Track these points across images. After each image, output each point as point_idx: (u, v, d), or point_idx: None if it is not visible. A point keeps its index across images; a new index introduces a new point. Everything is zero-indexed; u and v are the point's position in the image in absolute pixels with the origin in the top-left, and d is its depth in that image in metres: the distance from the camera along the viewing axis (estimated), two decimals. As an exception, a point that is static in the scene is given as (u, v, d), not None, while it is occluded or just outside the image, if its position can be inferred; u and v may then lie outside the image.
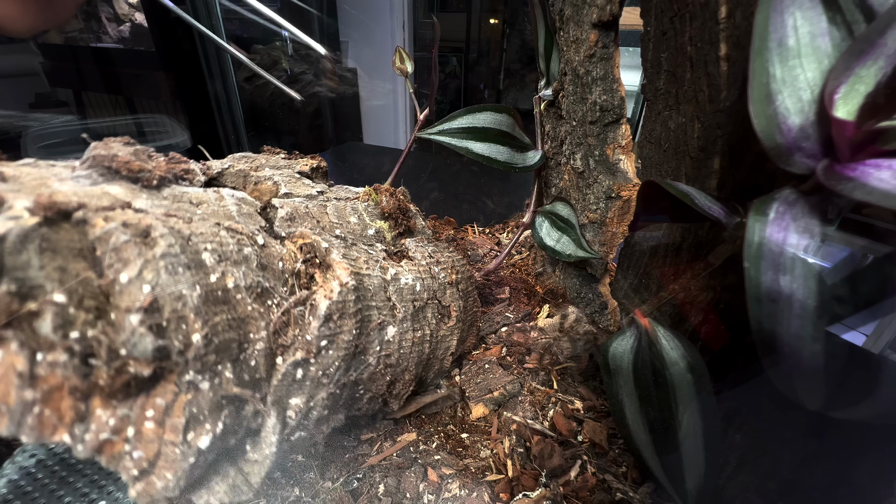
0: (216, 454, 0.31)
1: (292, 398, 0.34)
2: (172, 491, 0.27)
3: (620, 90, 0.54)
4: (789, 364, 0.28)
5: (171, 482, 0.27)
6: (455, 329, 0.52)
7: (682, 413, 0.40)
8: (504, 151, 0.64)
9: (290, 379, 0.34)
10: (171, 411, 0.27)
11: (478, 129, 0.63)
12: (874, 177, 0.25)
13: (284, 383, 0.33)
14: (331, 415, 0.39)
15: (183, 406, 0.27)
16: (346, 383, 0.38)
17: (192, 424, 0.27)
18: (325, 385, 0.36)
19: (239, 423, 0.32)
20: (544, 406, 0.53)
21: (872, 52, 0.26)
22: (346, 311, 0.36)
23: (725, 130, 0.39)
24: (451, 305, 0.51)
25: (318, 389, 0.36)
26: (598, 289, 0.65)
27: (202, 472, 0.31)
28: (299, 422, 0.35)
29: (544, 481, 0.44)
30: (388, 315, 0.42)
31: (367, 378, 0.41)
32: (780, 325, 0.27)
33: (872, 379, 0.38)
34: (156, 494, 0.27)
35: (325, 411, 0.37)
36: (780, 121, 0.29)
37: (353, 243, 0.43)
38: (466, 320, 0.55)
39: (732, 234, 0.34)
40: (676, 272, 0.48)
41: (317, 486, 0.44)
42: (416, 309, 0.46)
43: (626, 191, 0.57)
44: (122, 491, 0.41)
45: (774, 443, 0.45)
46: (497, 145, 0.63)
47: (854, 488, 0.40)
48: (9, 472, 0.42)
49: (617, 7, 0.50)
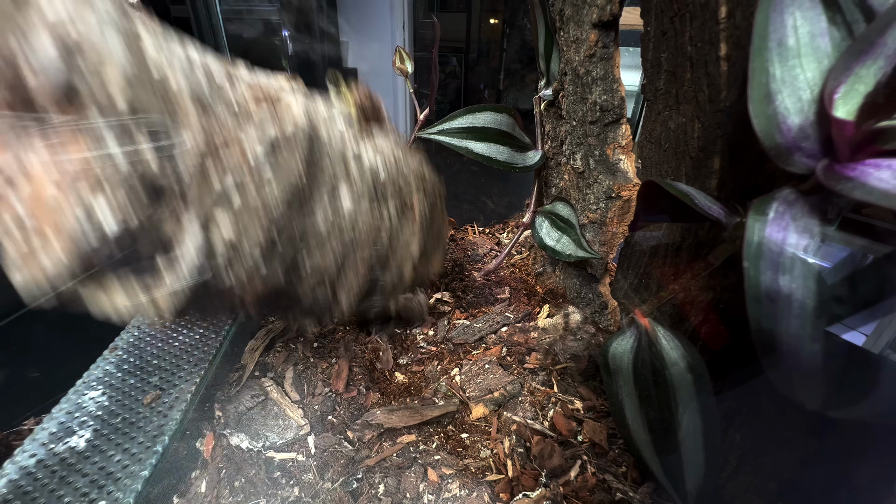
0: (121, 255, 0.27)
1: (222, 222, 0.30)
2: (64, 277, 0.22)
3: (620, 90, 0.54)
4: (788, 364, 0.28)
5: (64, 264, 0.22)
6: (417, 232, 0.48)
7: (682, 413, 0.40)
8: (504, 151, 0.64)
9: (225, 200, 0.30)
10: (72, 167, 0.22)
11: (478, 128, 0.64)
12: (874, 176, 0.25)
13: (217, 201, 0.30)
14: (266, 264, 0.34)
15: (89, 163, 0.22)
16: (289, 234, 0.35)
17: (96, 192, 0.22)
18: (262, 220, 0.32)
19: (153, 223, 0.27)
20: (544, 406, 0.53)
21: (872, 52, 0.26)
22: (294, 147, 0.33)
23: (725, 130, 0.39)
24: (415, 207, 0.48)
25: (253, 221, 0.32)
26: (598, 289, 0.65)
27: (102, 270, 0.26)
28: (228, 255, 0.31)
29: (544, 481, 0.44)
30: (344, 181, 0.39)
31: (315, 243, 0.37)
32: (779, 325, 0.27)
33: (872, 379, 0.38)
34: (42, 280, 0.22)
35: (257, 253, 0.33)
36: (780, 121, 0.29)
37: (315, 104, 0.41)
38: (432, 233, 0.51)
39: (732, 234, 0.34)
40: (676, 272, 0.48)
41: (316, 487, 0.44)
42: (378, 195, 0.42)
43: (626, 191, 0.57)
44: (122, 491, 0.41)
45: (774, 443, 0.45)
46: (497, 145, 0.64)
47: (854, 488, 0.40)
48: (9, 471, 0.42)
49: (617, 7, 0.50)
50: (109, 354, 0.57)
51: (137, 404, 0.50)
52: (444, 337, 0.63)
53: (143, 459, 0.44)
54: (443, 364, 0.59)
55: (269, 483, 0.45)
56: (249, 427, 0.49)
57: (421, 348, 0.62)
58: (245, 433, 0.49)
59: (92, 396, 0.51)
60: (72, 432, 0.47)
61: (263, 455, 0.47)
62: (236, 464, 0.46)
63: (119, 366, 0.55)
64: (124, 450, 0.45)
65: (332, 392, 0.54)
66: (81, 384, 0.53)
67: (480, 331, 0.64)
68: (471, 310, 0.69)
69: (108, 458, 0.44)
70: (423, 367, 0.59)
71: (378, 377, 0.57)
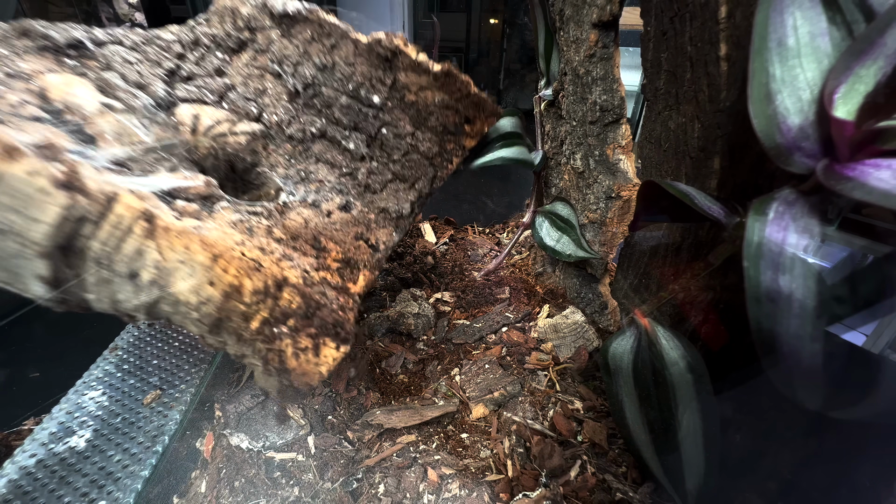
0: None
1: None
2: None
3: (620, 90, 0.54)
4: (788, 364, 0.28)
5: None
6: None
7: (681, 413, 0.40)
8: (524, 151, 0.64)
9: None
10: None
11: (502, 135, 0.63)
12: (874, 176, 0.25)
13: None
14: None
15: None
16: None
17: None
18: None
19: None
20: (544, 406, 0.53)
21: (872, 52, 0.26)
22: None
23: (725, 130, 0.39)
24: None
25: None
26: (598, 289, 0.65)
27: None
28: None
29: (544, 481, 0.44)
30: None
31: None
32: (779, 325, 0.27)
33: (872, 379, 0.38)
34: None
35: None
36: (780, 121, 0.29)
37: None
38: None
39: (732, 234, 0.34)
40: (676, 272, 0.48)
41: (316, 487, 0.44)
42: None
43: (626, 191, 0.57)
44: (122, 491, 0.41)
45: (774, 443, 0.45)
46: (519, 147, 0.63)
47: (854, 488, 0.40)
48: (9, 471, 0.43)
49: (617, 7, 0.50)
50: (109, 354, 0.57)
51: (137, 404, 0.50)
52: (444, 337, 0.63)
53: (143, 459, 0.44)
54: (443, 364, 0.59)
55: (269, 483, 0.45)
56: (249, 427, 0.49)
57: (421, 349, 0.62)
58: (245, 433, 0.49)
59: (92, 396, 0.51)
60: (72, 432, 0.47)
61: (263, 455, 0.47)
62: (236, 464, 0.46)
63: (119, 366, 0.55)
64: (124, 450, 0.45)
65: (332, 392, 0.54)
66: (81, 384, 0.53)
67: (480, 331, 0.64)
68: (471, 310, 0.69)
69: (108, 458, 0.44)
70: (423, 367, 0.59)
71: (378, 377, 0.57)
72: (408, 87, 0.49)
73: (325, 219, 0.47)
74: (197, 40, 0.46)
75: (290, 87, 0.47)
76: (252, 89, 0.47)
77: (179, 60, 0.45)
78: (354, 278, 0.47)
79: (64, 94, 0.34)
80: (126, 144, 0.35)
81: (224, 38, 0.46)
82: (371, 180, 0.51)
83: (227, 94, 0.46)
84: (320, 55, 0.47)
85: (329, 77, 0.48)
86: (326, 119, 0.49)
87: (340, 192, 0.49)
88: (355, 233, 0.49)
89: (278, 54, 0.47)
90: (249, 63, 0.47)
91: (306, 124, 0.48)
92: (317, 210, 0.47)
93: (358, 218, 0.49)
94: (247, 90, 0.47)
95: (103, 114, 0.35)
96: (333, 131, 0.49)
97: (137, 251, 0.27)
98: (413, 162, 0.52)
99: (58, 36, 0.39)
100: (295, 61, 0.47)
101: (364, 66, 0.47)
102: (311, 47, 0.46)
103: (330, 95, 0.48)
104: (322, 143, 0.49)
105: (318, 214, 0.47)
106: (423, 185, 0.54)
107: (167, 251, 0.28)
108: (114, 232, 0.26)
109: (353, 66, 0.48)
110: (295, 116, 0.48)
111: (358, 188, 0.50)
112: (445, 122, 0.51)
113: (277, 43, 0.46)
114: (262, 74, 0.47)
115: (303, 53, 0.47)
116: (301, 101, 0.48)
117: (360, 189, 0.50)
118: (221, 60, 0.46)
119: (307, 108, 0.48)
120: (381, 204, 0.52)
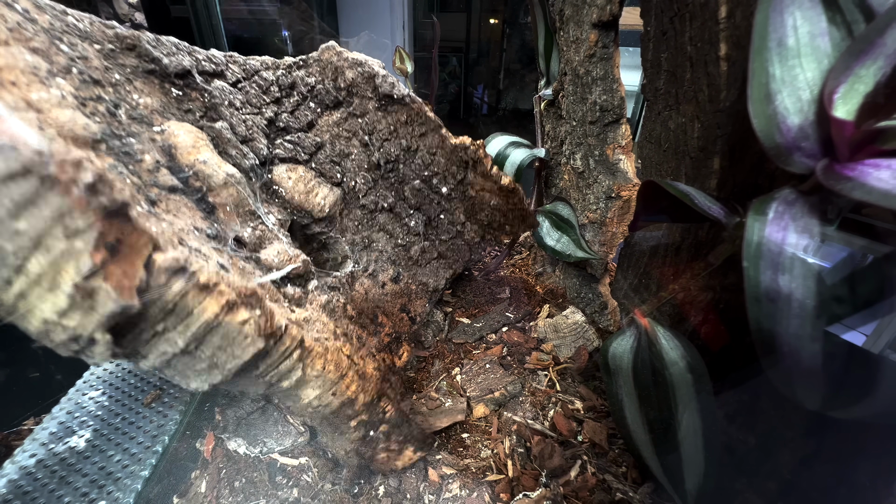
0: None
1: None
2: None
3: (620, 90, 0.54)
4: (788, 364, 0.28)
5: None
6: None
7: (681, 413, 0.40)
8: (529, 151, 0.67)
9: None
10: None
11: (509, 144, 0.70)
12: (873, 176, 0.25)
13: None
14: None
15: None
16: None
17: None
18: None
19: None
20: (544, 406, 0.53)
21: (872, 52, 0.26)
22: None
23: (725, 130, 0.39)
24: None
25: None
26: (598, 289, 0.65)
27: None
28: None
29: (544, 481, 0.44)
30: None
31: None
32: (779, 325, 0.27)
33: (872, 379, 0.38)
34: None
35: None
36: (780, 120, 0.29)
37: None
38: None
39: (732, 234, 0.34)
40: (676, 272, 0.48)
41: (316, 488, 0.44)
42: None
43: (626, 191, 0.57)
44: (122, 491, 0.41)
45: (774, 443, 0.45)
46: (525, 148, 0.68)
47: (854, 488, 0.40)
48: (9, 471, 0.42)
49: (617, 7, 0.50)
50: (109, 354, 0.57)
51: (137, 404, 0.50)
52: (445, 336, 0.63)
53: (143, 459, 0.44)
54: (444, 363, 0.59)
55: (269, 483, 0.45)
56: (248, 432, 0.49)
57: (424, 347, 0.62)
58: (244, 438, 0.48)
59: (92, 396, 0.51)
60: (72, 432, 0.47)
61: (263, 457, 0.47)
62: (236, 464, 0.46)
63: (119, 366, 0.55)
64: (124, 450, 0.45)
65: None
66: (81, 384, 0.53)
67: (481, 330, 0.64)
68: (471, 309, 0.69)
69: (108, 458, 0.44)
70: (423, 367, 0.59)
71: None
72: (472, 185, 0.53)
73: (380, 290, 0.51)
74: (293, 85, 0.46)
75: (373, 159, 0.49)
76: (338, 151, 0.48)
77: (277, 106, 0.45)
78: (399, 353, 0.52)
79: (193, 160, 0.35)
80: (241, 216, 0.37)
81: (322, 93, 0.46)
82: (420, 256, 0.56)
83: (317, 154, 0.47)
84: (408, 138, 0.49)
85: (410, 159, 0.50)
86: (397, 195, 0.52)
87: (394, 262, 0.53)
88: (400, 304, 0.54)
89: (370, 126, 0.48)
90: (340, 122, 0.47)
91: (380, 198, 0.51)
92: (374, 280, 0.51)
93: (404, 290, 0.54)
94: (333, 151, 0.48)
95: (227, 186, 0.36)
96: (400, 208, 0.53)
97: (289, 370, 0.31)
98: (457, 246, 0.58)
99: (167, 62, 0.38)
100: (384, 136, 0.49)
101: (443, 159, 0.50)
102: (402, 129, 0.48)
103: (406, 175, 0.51)
104: (388, 215, 0.53)
105: (375, 285, 0.51)
106: (458, 266, 0.60)
107: (308, 370, 0.33)
108: (279, 359, 0.30)
109: (434, 157, 0.50)
110: (372, 188, 0.50)
111: (408, 261, 0.55)
112: (492, 220, 0.56)
113: (372, 115, 0.47)
114: (350, 139, 0.48)
115: (392, 132, 0.48)
116: (380, 174, 0.50)
117: (409, 262, 0.55)
118: (314, 113, 0.47)
119: (383, 180, 0.51)
120: (423, 278, 0.57)
